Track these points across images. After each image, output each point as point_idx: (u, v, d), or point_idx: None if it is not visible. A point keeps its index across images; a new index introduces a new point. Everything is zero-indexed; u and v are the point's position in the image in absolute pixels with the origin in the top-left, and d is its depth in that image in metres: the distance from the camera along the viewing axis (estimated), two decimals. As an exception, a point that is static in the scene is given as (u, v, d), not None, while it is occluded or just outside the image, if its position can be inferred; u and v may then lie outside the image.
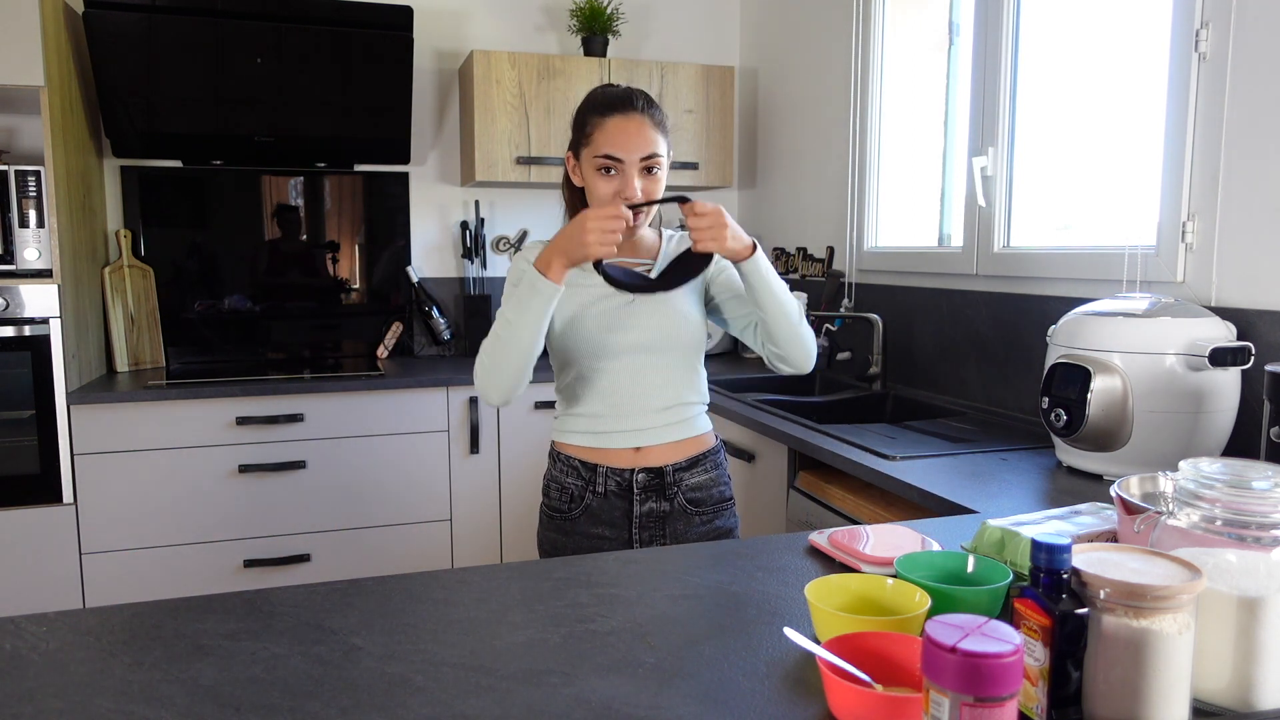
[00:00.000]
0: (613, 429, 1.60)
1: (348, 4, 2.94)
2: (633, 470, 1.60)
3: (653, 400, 1.61)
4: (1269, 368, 1.42)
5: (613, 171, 1.52)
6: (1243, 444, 1.67)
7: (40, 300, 2.55)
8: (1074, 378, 1.64)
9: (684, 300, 1.63)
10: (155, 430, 2.64)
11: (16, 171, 2.51)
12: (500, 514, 2.97)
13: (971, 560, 1.02)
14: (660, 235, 1.71)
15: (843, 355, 2.98)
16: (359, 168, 3.30)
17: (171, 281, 3.13)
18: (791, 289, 3.23)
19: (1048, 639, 0.77)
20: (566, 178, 1.66)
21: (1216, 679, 0.82)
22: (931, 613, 0.91)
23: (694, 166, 3.32)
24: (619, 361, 1.59)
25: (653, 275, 1.59)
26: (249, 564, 2.75)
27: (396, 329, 3.33)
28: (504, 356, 1.49)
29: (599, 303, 1.60)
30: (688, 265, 1.52)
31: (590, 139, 1.54)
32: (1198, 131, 1.81)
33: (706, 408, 1.71)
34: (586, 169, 1.56)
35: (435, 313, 3.34)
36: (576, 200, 1.65)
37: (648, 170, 1.53)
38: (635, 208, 1.52)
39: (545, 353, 1.58)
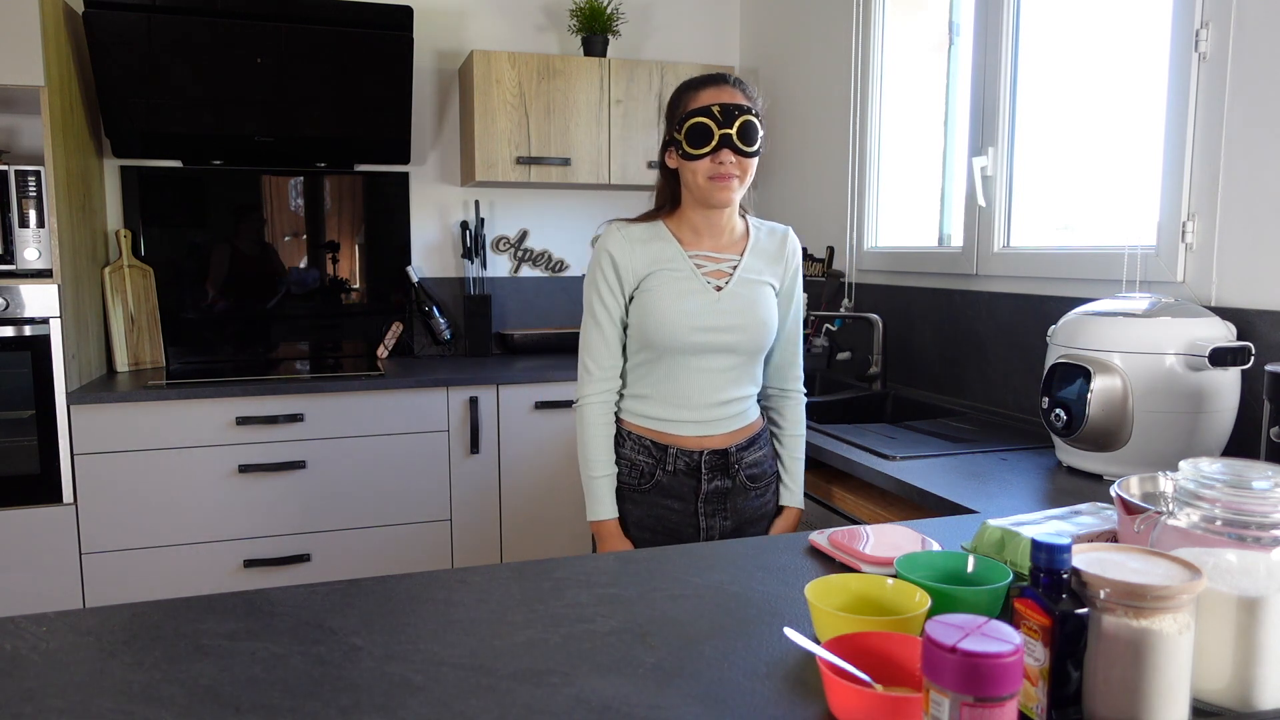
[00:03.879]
0: (683, 419, 1.67)
1: (348, 4, 2.94)
2: (701, 452, 1.67)
3: (721, 396, 1.67)
4: (1269, 368, 1.42)
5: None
6: (1243, 444, 1.67)
7: (40, 300, 2.55)
8: (1074, 378, 1.64)
9: (766, 304, 1.69)
10: (155, 430, 2.64)
11: (16, 171, 2.51)
12: (500, 514, 2.97)
13: (971, 560, 1.02)
14: (748, 225, 1.72)
15: (843, 355, 2.98)
16: (359, 168, 3.30)
17: (171, 281, 3.13)
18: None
19: (1048, 639, 0.77)
20: (662, 167, 1.70)
21: (1216, 679, 0.82)
22: (931, 613, 0.91)
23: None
24: (698, 360, 1.65)
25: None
26: (249, 564, 2.75)
27: (396, 329, 3.33)
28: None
29: (690, 297, 1.63)
30: None
31: (685, 110, 1.59)
32: (1198, 131, 1.81)
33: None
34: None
35: (435, 313, 3.34)
36: (671, 191, 1.69)
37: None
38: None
39: (571, 346, 1.63)
